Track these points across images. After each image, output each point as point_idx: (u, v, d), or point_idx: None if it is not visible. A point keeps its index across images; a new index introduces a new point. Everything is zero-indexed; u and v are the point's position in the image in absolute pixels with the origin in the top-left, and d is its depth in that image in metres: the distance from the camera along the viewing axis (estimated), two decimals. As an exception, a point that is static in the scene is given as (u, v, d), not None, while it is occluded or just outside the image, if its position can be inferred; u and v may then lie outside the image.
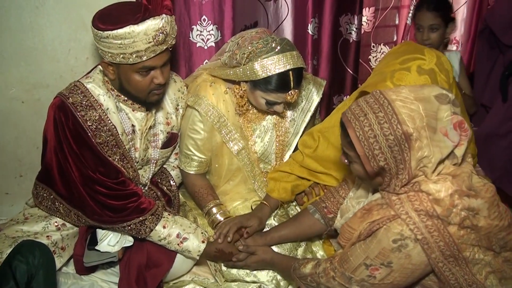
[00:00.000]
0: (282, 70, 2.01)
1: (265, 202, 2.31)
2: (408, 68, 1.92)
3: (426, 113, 1.48)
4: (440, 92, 1.53)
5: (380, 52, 3.14)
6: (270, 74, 2.02)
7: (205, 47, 2.63)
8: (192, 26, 2.58)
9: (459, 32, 3.15)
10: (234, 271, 2.18)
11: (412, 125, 1.46)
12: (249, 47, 2.06)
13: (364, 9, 2.94)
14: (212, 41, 2.62)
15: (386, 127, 1.47)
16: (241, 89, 2.16)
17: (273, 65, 2.01)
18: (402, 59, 1.98)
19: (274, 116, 2.34)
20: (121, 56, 1.87)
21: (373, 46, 3.05)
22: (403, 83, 1.89)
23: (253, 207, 2.32)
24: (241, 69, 2.07)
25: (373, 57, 3.10)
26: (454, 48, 3.21)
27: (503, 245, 1.58)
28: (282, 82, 2.04)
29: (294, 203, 2.44)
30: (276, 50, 2.02)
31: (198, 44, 2.62)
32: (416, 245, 1.50)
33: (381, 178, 1.58)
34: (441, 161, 1.52)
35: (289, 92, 2.07)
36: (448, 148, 1.51)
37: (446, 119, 1.50)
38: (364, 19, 2.99)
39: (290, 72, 2.03)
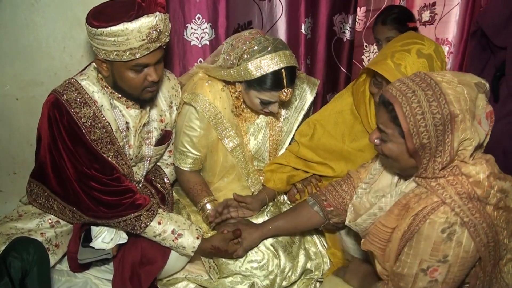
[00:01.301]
0: (275, 68, 2.03)
1: (261, 191, 2.36)
2: (409, 50, 1.99)
3: (469, 97, 1.50)
4: (479, 81, 1.56)
5: (373, 52, 3.15)
6: (264, 73, 2.04)
7: (199, 45, 2.64)
8: (187, 24, 2.59)
9: (452, 33, 3.17)
10: (231, 265, 2.19)
11: (458, 107, 1.47)
12: (243, 48, 2.08)
13: (355, 9, 2.97)
14: (206, 39, 2.63)
15: (434, 105, 1.47)
16: (236, 90, 2.18)
17: (266, 64, 2.03)
18: (403, 43, 2.05)
19: None
20: (115, 53, 1.87)
21: (366, 46, 3.07)
22: (402, 63, 1.95)
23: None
24: (235, 70, 2.09)
25: (366, 57, 3.12)
26: (447, 49, 3.23)
27: None
28: (275, 81, 2.06)
29: (288, 202, 2.47)
30: (269, 49, 2.05)
31: (192, 42, 2.63)
32: (464, 229, 1.48)
33: (414, 161, 1.57)
34: (478, 147, 1.55)
35: (283, 90, 2.09)
36: (482, 135, 1.54)
37: (482, 107, 1.54)
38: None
39: (283, 70, 2.05)
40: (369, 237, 1.71)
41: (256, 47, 2.06)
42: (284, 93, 2.09)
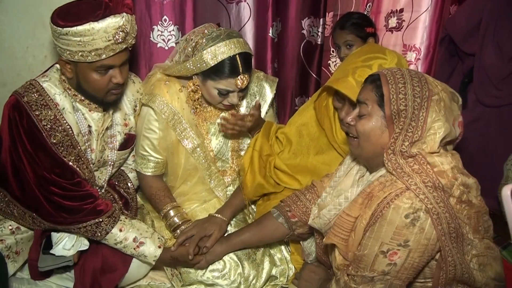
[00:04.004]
0: (229, 54, 2.05)
1: (228, 204, 2.31)
2: (370, 66, 1.98)
3: (446, 92, 1.63)
4: (453, 91, 1.70)
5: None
6: (219, 61, 2.04)
7: (166, 48, 2.63)
8: (153, 26, 2.58)
9: (420, 39, 3.20)
10: (192, 274, 2.17)
11: (436, 90, 1.60)
12: (196, 39, 2.10)
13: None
14: (173, 42, 2.62)
15: (416, 80, 1.60)
16: (194, 84, 2.18)
17: (220, 51, 2.04)
18: (364, 58, 2.04)
19: (229, 113, 2.34)
20: (80, 54, 1.85)
21: (333, 51, 3.09)
22: (364, 80, 1.93)
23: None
24: (191, 62, 2.09)
25: (333, 62, 3.13)
26: (414, 55, 3.26)
27: (486, 229, 1.64)
28: (230, 67, 2.07)
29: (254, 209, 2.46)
30: (222, 37, 2.06)
31: (159, 45, 2.62)
32: (427, 216, 1.50)
33: (386, 139, 1.61)
34: (446, 142, 1.61)
35: (239, 77, 2.09)
36: (451, 135, 1.60)
37: (457, 114, 1.66)
38: (323, 23, 3.03)
39: (237, 56, 2.06)
40: (333, 229, 1.72)
41: (209, 36, 2.07)
42: (240, 79, 2.09)
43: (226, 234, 2.25)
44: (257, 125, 2.34)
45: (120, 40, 1.87)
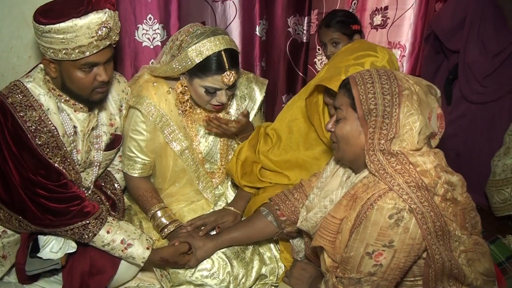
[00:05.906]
0: (214, 50, 2.04)
1: (239, 197, 2.36)
2: (362, 64, 2.00)
3: (419, 85, 1.64)
4: (429, 84, 1.71)
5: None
6: (204, 57, 2.04)
7: (151, 47, 2.61)
8: (138, 25, 2.55)
9: (404, 36, 3.23)
10: (181, 274, 2.15)
11: (407, 85, 1.60)
12: (182, 37, 2.09)
13: (308, 12, 3.00)
14: (158, 40, 2.59)
15: (384, 78, 1.61)
16: (181, 85, 2.17)
17: (205, 47, 2.04)
18: (356, 55, 2.04)
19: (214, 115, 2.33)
20: (63, 51, 1.83)
21: (319, 49, 3.10)
22: None
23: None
24: (176, 61, 2.08)
25: (319, 60, 3.15)
26: (399, 52, 3.28)
27: (474, 225, 1.64)
28: (216, 63, 2.06)
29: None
30: (206, 34, 2.06)
31: (144, 43, 2.60)
32: (411, 216, 1.50)
33: (364, 138, 1.61)
34: (425, 137, 1.60)
35: (225, 73, 2.08)
36: (428, 128, 1.60)
37: (433, 106, 1.66)
38: (308, 21, 3.04)
39: (223, 52, 2.06)
40: (320, 232, 1.72)
41: (194, 34, 2.07)
42: (227, 76, 2.08)
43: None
44: (244, 130, 2.35)
45: (103, 36, 1.85)
